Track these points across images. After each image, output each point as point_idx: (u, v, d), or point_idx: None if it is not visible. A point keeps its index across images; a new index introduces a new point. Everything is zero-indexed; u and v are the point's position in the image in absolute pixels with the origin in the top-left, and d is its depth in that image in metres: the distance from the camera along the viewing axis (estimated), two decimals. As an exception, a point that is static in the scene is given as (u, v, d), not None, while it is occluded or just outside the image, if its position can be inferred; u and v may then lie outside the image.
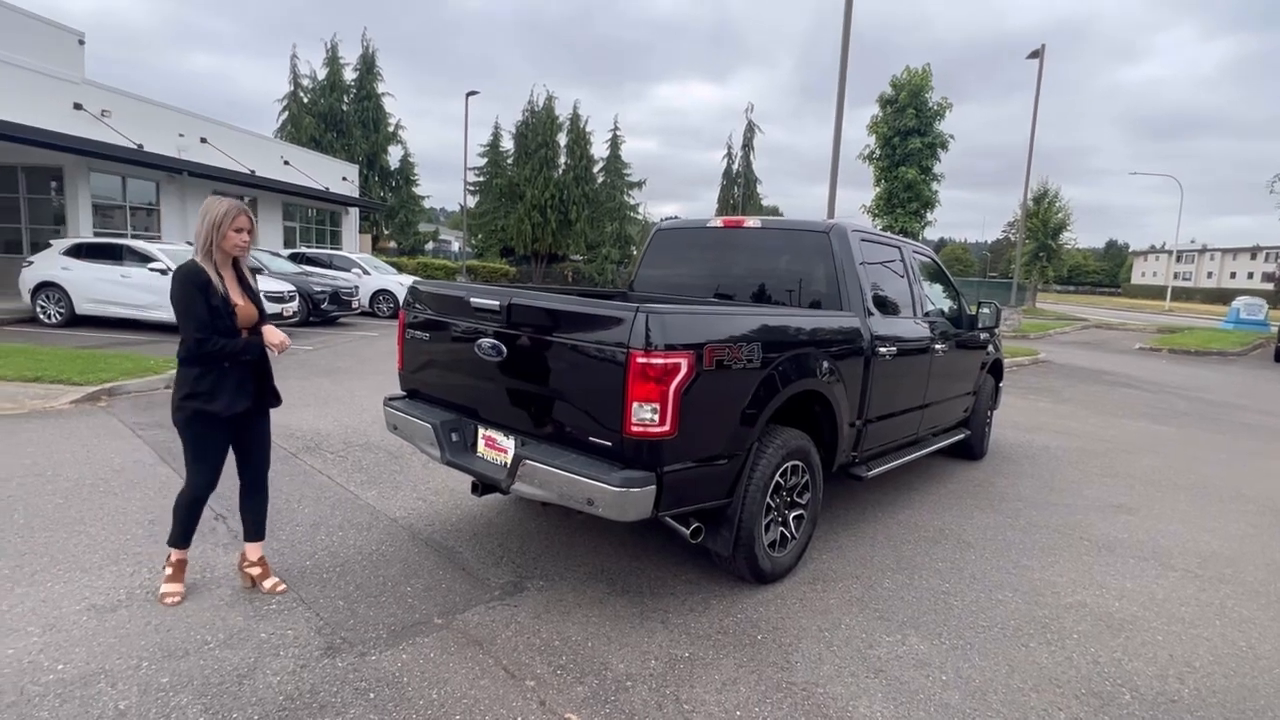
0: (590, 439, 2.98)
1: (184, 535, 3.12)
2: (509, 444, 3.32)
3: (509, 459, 3.28)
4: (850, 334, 4.04)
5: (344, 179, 28.59)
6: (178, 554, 3.14)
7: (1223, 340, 20.30)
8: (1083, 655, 3.11)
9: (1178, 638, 3.32)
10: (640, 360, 2.78)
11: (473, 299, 3.40)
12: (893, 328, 4.49)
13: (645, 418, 2.81)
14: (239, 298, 3.04)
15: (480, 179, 40.89)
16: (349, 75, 36.91)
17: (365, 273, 17.33)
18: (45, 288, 11.80)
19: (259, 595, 3.18)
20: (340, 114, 36.29)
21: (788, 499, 3.64)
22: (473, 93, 32.15)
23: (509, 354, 3.26)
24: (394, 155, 39.17)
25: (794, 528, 3.70)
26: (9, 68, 14.53)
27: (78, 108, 16.07)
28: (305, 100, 36.21)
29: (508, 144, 40.32)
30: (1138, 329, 26.07)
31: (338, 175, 28.08)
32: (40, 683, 2.47)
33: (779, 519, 3.59)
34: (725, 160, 43.69)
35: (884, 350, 4.28)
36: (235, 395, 3.01)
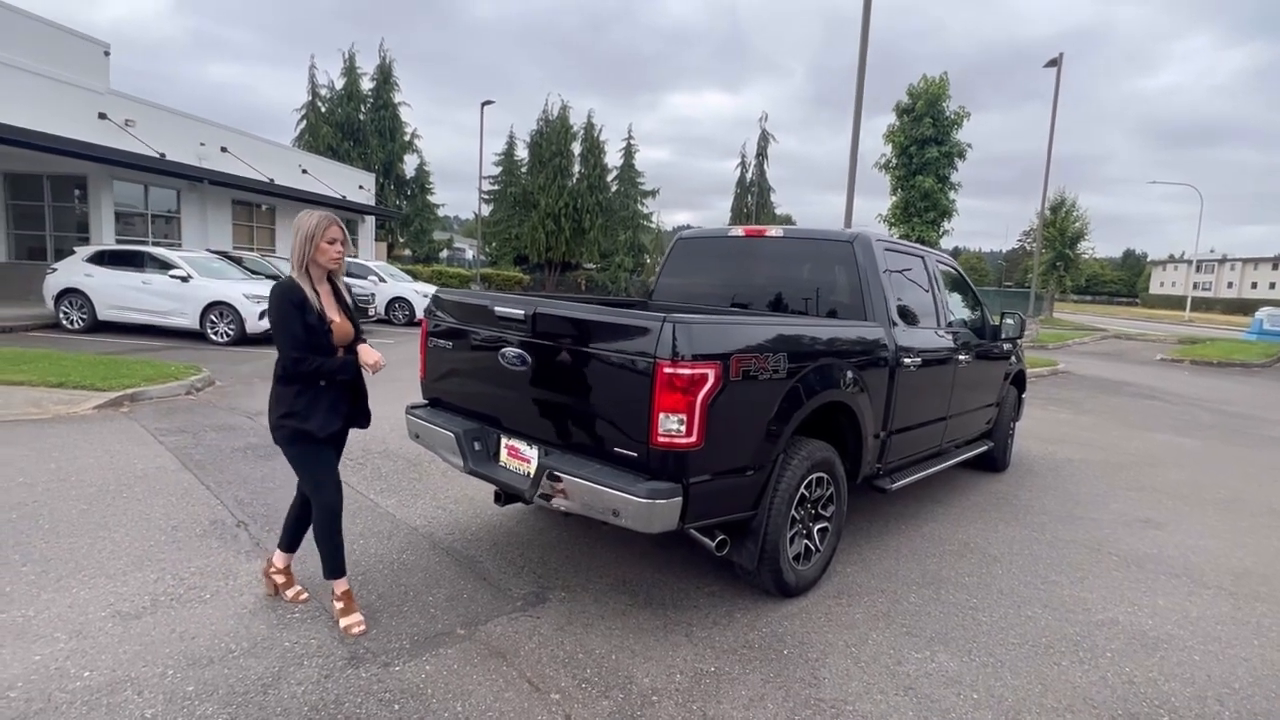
0: (615, 450, 2.96)
1: (336, 564, 3.01)
2: (532, 454, 3.30)
3: (532, 469, 3.26)
4: (875, 344, 4.00)
5: (360, 187, 28.89)
6: (341, 586, 3.03)
7: (1246, 352, 19.96)
8: (1117, 675, 3.03)
9: (1215, 657, 3.24)
10: (667, 370, 2.75)
11: (497, 308, 3.39)
12: (917, 338, 4.43)
13: (672, 429, 2.78)
14: (335, 314, 2.95)
15: (495, 187, 41.20)
16: (366, 85, 37.42)
17: (381, 280, 17.43)
18: (68, 294, 12.00)
19: (282, 604, 3.18)
20: (357, 123, 36.73)
21: (812, 511, 3.59)
22: (488, 102, 32.25)
23: (533, 363, 3.25)
24: (410, 164, 39.66)
25: (818, 540, 3.66)
26: (37, 78, 14.82)
27: (102, 117, 16.36)
28: (323, 110, 36.72)
29: (522, 153, 40.65)
30: (1157, 340, 25.71)
31: (354, 184, 28.39)
32: (67, 690, 2.48)
33: (803, 531, 3.54)
34: (739, 169, 43.82)
35: (908, 361, 4.23)
36: (329, 415, 2.94)
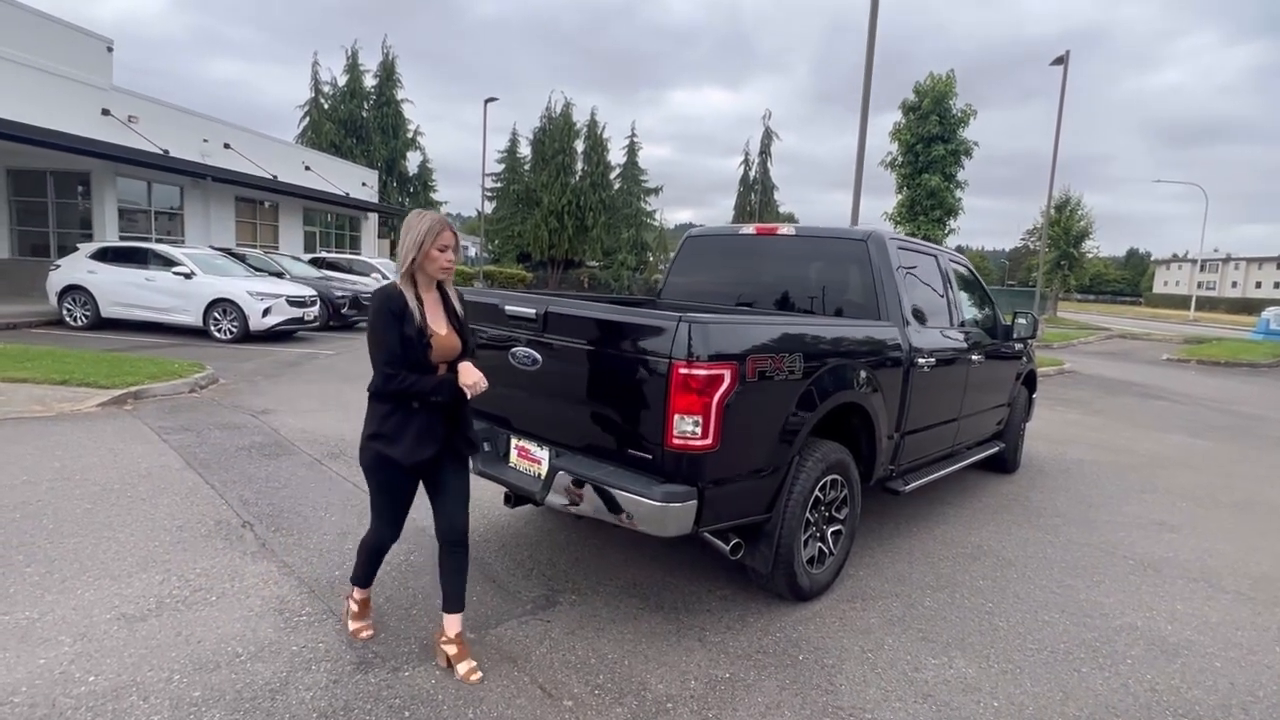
0: (629, 451, 2.90)
1: (365, 577, 2.94)
2: (543, 455, 3.25)
3: (543, 470, 3.21)
4: (889, 345, 3.94)
5: (363, 184, 28.83)
6: (360, 593, 2.96)
7: (1253, 351, 19.82)
8: (1139, 682, 2.98)
9: (1237, 665, 3.18)
10: (682, 371, 2.70)
11: (507, 306, 3.34)
12: (930, 338, 4.37)
13: (687, 430, 2.73)
14: (440, 326, 2.62)
15: (498, 185, 41.08)
16: (369, 82, 37.32)
17: (384, 277, 17.38)
18: (72, 291, 11.96)
19: (288, 606, 3.13)
20: (360, 120, 36.65)
21: (826, 514, 3.53)
22: (491, 99, 32.03)
23: (544, 363, 3.19)
24: (412, 161, 39.55)
25: (832, 543, 3.60)
26: (41, 74, 14.79)
27: (106, 114, 16.33)
28: (326, 106, 36.65)
29: (525, 150, 40.53)
30: (1163, 339, 25.58)
31: (357, 181, 28.33)
32: (72, 695, 2.43)
33: (817, 534, 3.49)
34: (742, 167, 43.69)
35: (922, 361, 4.17)
36: (419, 441, 2.58)
